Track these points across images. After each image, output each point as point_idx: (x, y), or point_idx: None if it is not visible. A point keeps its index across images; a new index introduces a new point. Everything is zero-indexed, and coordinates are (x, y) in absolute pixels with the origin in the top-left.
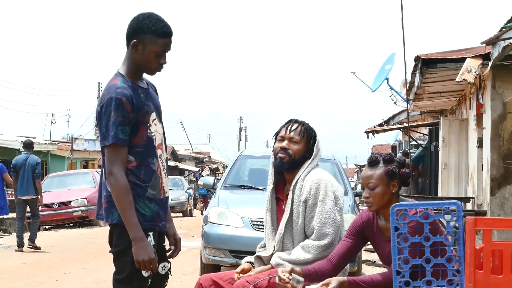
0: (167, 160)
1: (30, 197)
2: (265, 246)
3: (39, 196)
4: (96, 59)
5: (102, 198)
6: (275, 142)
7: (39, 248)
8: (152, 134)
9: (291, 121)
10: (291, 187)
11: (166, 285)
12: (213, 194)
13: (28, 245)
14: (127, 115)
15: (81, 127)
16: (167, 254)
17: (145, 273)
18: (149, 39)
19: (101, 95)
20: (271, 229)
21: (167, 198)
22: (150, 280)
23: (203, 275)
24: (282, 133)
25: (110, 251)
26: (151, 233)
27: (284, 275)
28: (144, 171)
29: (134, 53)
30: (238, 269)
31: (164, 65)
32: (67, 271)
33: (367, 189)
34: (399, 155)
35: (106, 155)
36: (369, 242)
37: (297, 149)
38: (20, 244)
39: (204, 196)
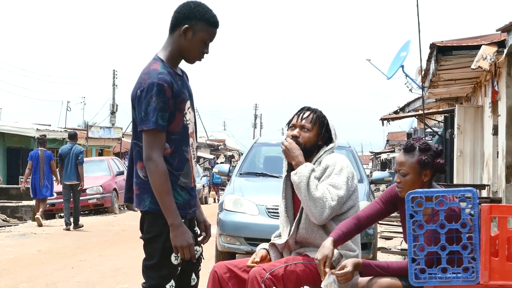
0: (197, 148)
1: (72, 182)
2: (279, 236)
3: (81, 181)
4: (111, 47)
5: (133, 184)
6: (288, 131)
7: (81, 226)
8: (187, 122)
9: (303, 109)
10: None
11: (200, 269)
12: (225, 182)
13: (73, 228)
14: (168, 101)
15: (96, 114)
16: (198, 240)
17: (174, 260)
18: (200, 26)
19: (140, 79)
20: (286, 216)
21: (195, 186)
22: (179, 268)
23: (218, 263)
24: (294, 121)
25: (141, 237)
26: (182, 221)
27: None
28: (177, 159)
29: (183, 38)
30: (256, 257)
31: (205, 55)
32: (82, 258)
33: (399, 174)
34: None
35: (145, 140)
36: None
37: (308, 137)
38: (68, 223)
39: (215, 185)
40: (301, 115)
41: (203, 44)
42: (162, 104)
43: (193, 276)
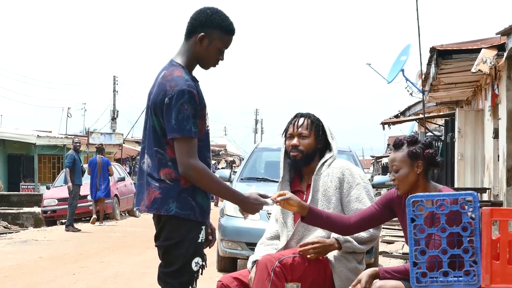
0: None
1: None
2: (271, 239)
3: (68, 183)
4: (111, 53)
5: (151, 189)
6: (285, 140)
7: (77, 230)
8: (208, 128)
9: (297, 116)
10: (314, 176)
11: (201, 274)
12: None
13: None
14: (197, 108)
15: (97, 120)
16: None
17: (194, 267)
18: (216, 35)
19: (164, 86)
20: (282, 223)
21: None
22: (197, 275)
23: (223, 277)
24: (290, 130)
25: (159, 244)
26: (203, 227)
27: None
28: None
29: (198, 46)
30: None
31: (220, 62)
32: (84, 265)
33: (393, 172)
34: None
35: (181, 148)
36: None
37: (307, 143)
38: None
39: None
40: (296, 123)
41: (219, 52)
42: (194, 111)
43: (194, 284)
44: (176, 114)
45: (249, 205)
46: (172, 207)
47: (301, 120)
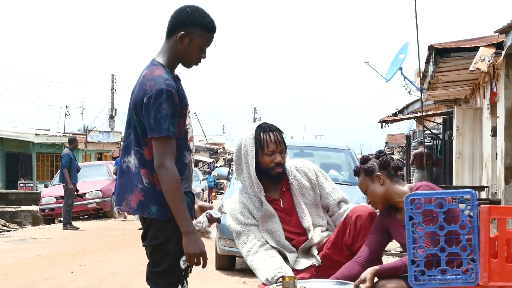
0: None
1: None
2: (263, 245)
3: (68, 184)
4: (110, 52)
5: (136, 190)
6: (262, 155)
7: (75, 228)
8: (187, 127)
9: (272, 131)
10: (291, 180)
11: (189, 275)
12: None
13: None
14: (176, 108)
15: (95, 119)
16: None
17: (183, 265)
18: (197, 33)
19: (144, 85)
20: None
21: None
22: (185, 273)
23: None
24: (272, 147)
25: (145, 245)
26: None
27: None
28: (178, 165)
29: (179, 45)
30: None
31: (202, 60)
32: (82, 263)
33: (364, 195)
34: (413, 144)
35: (157, 147)
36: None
37: (285, 155)
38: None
39: (210, 189)
40: (276, 139)
41: (200, 50)
42: (172, 110)
43: (184, 283)
44: (155, 113)
45: (191, 241)
46: (153, 210)
47: (278, 135)
